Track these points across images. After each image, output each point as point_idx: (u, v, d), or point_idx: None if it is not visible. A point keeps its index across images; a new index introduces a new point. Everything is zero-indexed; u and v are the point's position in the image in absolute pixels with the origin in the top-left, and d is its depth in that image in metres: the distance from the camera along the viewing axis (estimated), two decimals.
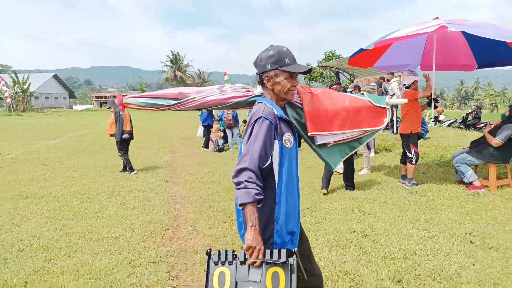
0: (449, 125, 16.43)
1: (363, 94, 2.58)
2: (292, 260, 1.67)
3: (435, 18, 6.06)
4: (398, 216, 4.77)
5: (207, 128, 11.89)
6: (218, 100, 2.44)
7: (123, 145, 7.97)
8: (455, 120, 17.24)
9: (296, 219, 1.93)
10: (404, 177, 6.46)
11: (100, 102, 66.82)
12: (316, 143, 2.45)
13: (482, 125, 14.86)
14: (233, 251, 1.75)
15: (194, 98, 2.46)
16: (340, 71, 21.08)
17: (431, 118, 17.94)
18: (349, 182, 6.23)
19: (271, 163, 1.81)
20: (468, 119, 16.60)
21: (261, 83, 1.99)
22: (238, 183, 1.70)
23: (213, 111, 12.19)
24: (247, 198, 1.64)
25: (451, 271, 3.26)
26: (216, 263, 1.74)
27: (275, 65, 1.89)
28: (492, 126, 6.06)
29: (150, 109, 2.59)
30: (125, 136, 7.85)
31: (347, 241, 4.00)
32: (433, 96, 6.55)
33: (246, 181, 1.67)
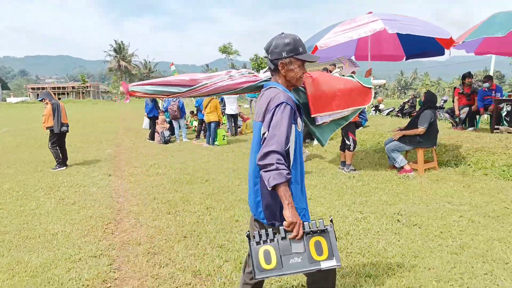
0: (388, 114, 17.41)
1: (352, 76, 2.75)
2: (329, 227, 1.88)
3: (369, 13, 6.40)
4: (336, 200, 5.06)
5: (153, 120, 11.66)
6: (229, 85, 2.45)
7: (60, 138, 7.64)
8: (394, 109, 18.28)
9: (305, 196, 2.12)
10: (343, 163, 6.81)
11: (37, 94, 62.76)
12: (317, 123, 2.60)
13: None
14: (272, 229, 1.90)
15: (206, 84, 2.45)
16: None
17: (371, 107, 18.91)
18: None
19: (289, 146, 1.93)
20: (405, 108, 17.63)
21: (274, 69, 2.06)
22: (266, 165, 1.82)
23: (158, 102, 11.99)
24: (280, 179, 1.78)
25: (379, 247, 3.55)
26: (258, 243, 1.87)
27: (291, 53, 1.99)
28: (398, 130, 6.49)
29: (158, 97, 2.52)
30: (64, 128, 7.54)
31: None
32: None
33: (277, 162, 1.80)
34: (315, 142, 9.81)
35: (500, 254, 3.32)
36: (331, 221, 1.90)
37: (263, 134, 1.93)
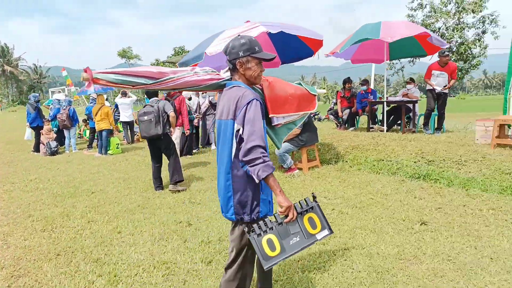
0: None
1: (300, 83, 2.91)
2: (315, 203, 2.15)
3: (247, 21, 6.72)
4: None
5: (36, 130, 10.65)
6: (196, 81, 2.46)
7: None
8: None
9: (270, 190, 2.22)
10: None
11: None
12: (273, 124, 2.70)
13: (313, 115, 17.00)
14: (268, 219, 2.07)
15: (172, 78, 2.44)
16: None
17: None
18: (175, 175, 5.91)
19: None
20: None
21: (233, 68, 2.17)
22: (252, 160, 1.94)
23: (42, 110, 11.04)
24: (269, 169, 1.95)
25: None
26: (259, 235, 2.01)
27: (247, 52, 2.11)
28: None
29: (123, 87, 2.44)
30: None
31: (171, 232, 4.17)
32: None
33: (262, 156, 1.95)
34: (213, 146, 9.92)
35: (359, 241, 3.72)
36: (314, 197, 2.16)
37: (238, 130, 2.03)
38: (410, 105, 9.04)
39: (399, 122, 9.27)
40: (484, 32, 16.46)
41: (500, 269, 3.06)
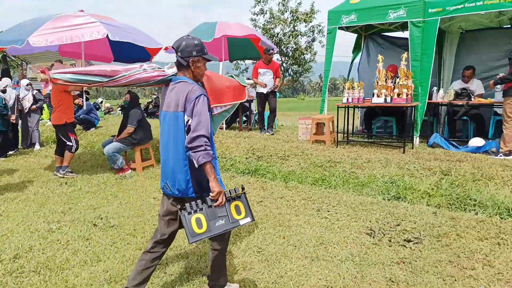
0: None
1: (232, 76, 3.13)
2: (243, 194, 2.41)
3: (81, 11, 6.12)
4: (34, 212, 4.48)
5: None
6: (146, 77, 2.61)
7: None
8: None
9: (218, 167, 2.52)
10: (59, 168, 6.22)
11: None
12: (212, 114, 2.80)
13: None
14: (200, 200, 2.30)
15: (125, 75, 2.60)
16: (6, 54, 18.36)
17: (118, 107, 18.62)
18: None
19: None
20: (150, 108, 18.14)
21: (185, 65, 2.37)
22: (196, 147, 2.18)
23: None
24: (208, 157, 2.19)
25: (61, 259, 3.28)
26: (189, 213, 2.26)
27: (200, 53, 2.37)
28: (114, 139, 6.62)
29: (80, 85, 2.75)
30: None
31: None
32: (84, 89, 6.63)
33: (205, 144, 2.18)
34: (37, 147, 8.69)
35: (179, 242, 3.62)
36: (243, 188, 2.41)
37: (187, 121, 2.26)
38: (247, 104, 9.52)
39: (238, 119, 9.68)
40: (313, 40, 18.62)
41: (301, 255, 3.34)
